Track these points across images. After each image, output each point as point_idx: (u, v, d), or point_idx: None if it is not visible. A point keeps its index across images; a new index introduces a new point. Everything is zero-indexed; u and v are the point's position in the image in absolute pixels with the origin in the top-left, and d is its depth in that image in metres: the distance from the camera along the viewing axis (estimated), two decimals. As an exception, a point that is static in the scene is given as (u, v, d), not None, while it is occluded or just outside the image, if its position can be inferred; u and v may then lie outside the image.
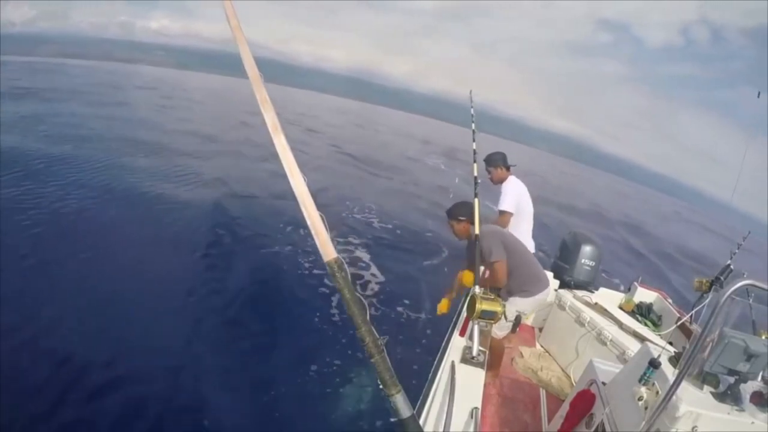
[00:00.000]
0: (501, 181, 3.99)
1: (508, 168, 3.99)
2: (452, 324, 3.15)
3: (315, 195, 1.11)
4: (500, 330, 3.04)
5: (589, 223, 18.34)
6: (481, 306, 2.36)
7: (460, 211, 3.07)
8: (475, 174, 3.53)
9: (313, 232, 1.10)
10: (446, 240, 9.43)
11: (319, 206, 1.11)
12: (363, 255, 7.98)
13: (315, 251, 1.10)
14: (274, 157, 1.12)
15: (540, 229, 4.19)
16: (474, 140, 3.78)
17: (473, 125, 3.90)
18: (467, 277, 2.94)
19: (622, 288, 5.04)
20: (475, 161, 3.67)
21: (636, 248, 16.45)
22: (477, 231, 2.92)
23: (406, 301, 6.38)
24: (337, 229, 9.04)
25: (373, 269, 7.40)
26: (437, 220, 10.90)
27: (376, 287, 6.75)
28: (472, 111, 3.97)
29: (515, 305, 3.01)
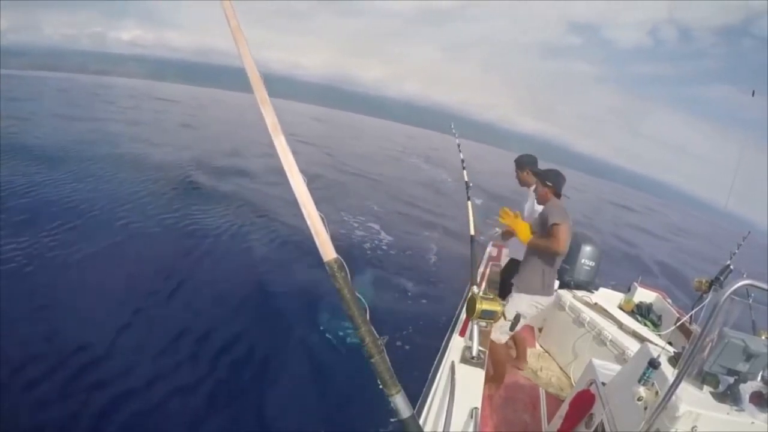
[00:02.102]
0: (527, 184, 4.06)
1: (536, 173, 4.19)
2: (452, 324, 3.16)
3: (313, 196, 1.11)
4: (502, 334, 3.04)
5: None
6: (481, 306, 2.36)
7: (547, 177, 3.08)
8: (466, 179, 4.02)
9: (312, 232, 1.10)
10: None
11: (317, 207, 1.11)
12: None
13: (314, 251, 1.10)
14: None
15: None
16: (460, 151, 4.44)
17: (457, 140, 4.68)
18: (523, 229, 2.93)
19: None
20: (464, 168, 4.22)
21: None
22: (472, 232, 3.09)
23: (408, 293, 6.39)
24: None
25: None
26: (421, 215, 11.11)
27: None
28: (454, 129, 4.91)
29: (538, 303, 3.05)
